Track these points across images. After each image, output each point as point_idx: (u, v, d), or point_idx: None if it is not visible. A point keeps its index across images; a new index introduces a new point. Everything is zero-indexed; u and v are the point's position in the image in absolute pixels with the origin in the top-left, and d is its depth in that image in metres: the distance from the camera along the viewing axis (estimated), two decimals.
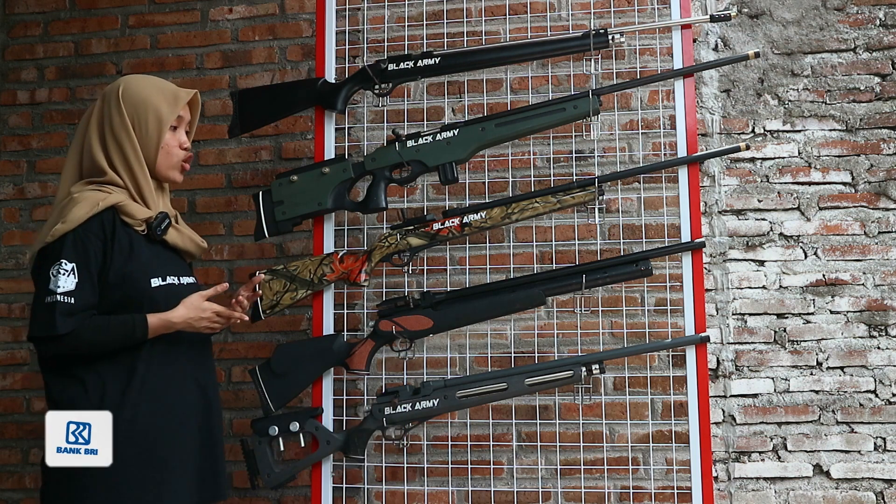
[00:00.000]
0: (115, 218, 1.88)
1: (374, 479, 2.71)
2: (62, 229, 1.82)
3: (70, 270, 1.80)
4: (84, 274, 1.82)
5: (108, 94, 1.97)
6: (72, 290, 1.79)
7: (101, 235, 1.85)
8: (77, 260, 1.81)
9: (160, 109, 1.95)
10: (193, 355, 1.97)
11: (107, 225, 1.86)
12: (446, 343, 2.70)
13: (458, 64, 2.43)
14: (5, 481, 2.96)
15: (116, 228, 1.87)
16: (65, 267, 1.80)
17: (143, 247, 1.91)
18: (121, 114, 1.93)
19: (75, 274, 1.80)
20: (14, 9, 3.18)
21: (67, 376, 1.84)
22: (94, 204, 1.85)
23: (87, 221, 1.84)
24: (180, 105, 1.99)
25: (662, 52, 2.72)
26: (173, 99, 1.99)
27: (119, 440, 1.80)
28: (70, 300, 1.79)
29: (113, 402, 1.82)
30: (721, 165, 2.77)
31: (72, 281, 1.80)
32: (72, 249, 1.82)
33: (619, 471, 2.63)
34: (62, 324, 1.77)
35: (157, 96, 1.96)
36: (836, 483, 2.62)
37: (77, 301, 1.80)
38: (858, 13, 2.78)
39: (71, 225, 1.82)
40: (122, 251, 1.87)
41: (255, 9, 3.04)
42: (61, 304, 1.78)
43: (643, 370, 2.66)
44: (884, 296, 2.67)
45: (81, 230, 1.83)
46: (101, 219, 1.86)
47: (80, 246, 1.82)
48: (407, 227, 2.37)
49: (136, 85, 1.97)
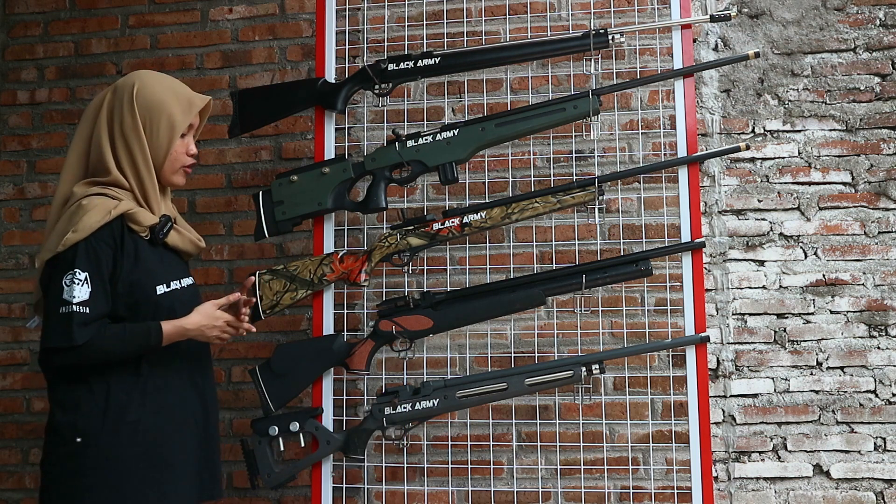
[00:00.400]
0: (123, 225, 1.88)
1: (374, 479, 2.71)
2: (74, 238, 1.81)
3: (84, 280, 1.79)
4: (97, 283, 1.81)
5: (120, 90, 1.94)
6: (86, 299, 1.78)
7: (111, 244, 1.84)
8: (90, 269, 1.80)
9: (174, 116, 1.94)
10: (192, 357, 1.97)
11: (116, 233, 1.86)
12: (446, 343, 2.70)
13: (458, 64, 2.43)
14: (5, 481, 2.96)
15: (124, 236, 1.87)
16: (79, 276, 1.79)
17: (147, 253, 1.91)
18: (133, 114, 1.91)
19: (89, 283, 1.80)
20: (14, 9, 3.18)
21: (73, 380, 1.83)
22: (105, 212, 1.84)
23: (99, 230, 1.83)
24: (194, 112, 1.98)
25: (662, 52, 2.72)
26: (188, 105, 1.97)
27: (123, 442, 1.80)
28: (85, 310, 1.78)
29: (118, 404, 1.82)
30: (721, 165, 2.77)
31: (86, 290, 1.79)
32: (84, 258, 1.81)
33: (619, 471, 2.62)
34: (79, 334, 1.77)
35: (172, 101, 1.94)
36: (836, 483, 2.62)
37: (92, 310, 1.79)
38: (858, 13, 2.78)
39: (83, 234, 1.81)
40: (128, 258, 1.86)
41: (255, 9, 3.04)
42: (77, 315, 1.77)
43: (643, 370, 2.66)
44: (884, 296, 2.67)
45: (93, 239, 1.82)
46: (111, 227, 1.85)
47: (93, 254, 1.82)
48: (407, 227, 2.37)
49: (152, 86, 1.94)
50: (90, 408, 1.81)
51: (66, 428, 1.81)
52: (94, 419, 1.80)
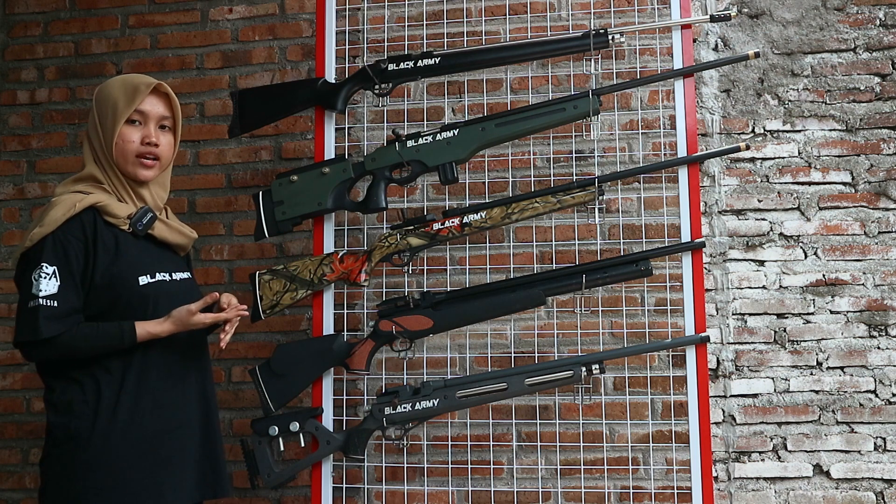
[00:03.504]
0: (96, 218, 1.87)
1: (374, 479, 2.71)
2: (40, 233, 1.81)
3: (51, 274, 1.79)
4: (66, 277, 1.80)
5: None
6: (54, 293, 1.78)
7: (81, 237, 1.83)
8: (58, 263, 1.80)
9: (117, 103, 1.94)
10: (190, 353, 1.97)
11: (87, 226, 1.85)
12: (446, 343, 2.70)
13: (458, 64, 2.43)
14: (5, 481, 2.96)
15: (99, 229, 1.86)
16: (45, 270, 1.79)
17: (129, 245, 1.90)
18: (92, 110, 1.96)
19: (57, 277, 1.79)
20: (14, 9, 3.18)
21: (65, 379, 1.84)
22: (70, 206, 1.84)
23: (67, 223, 1.82)
24: (138, 98, 1.94)
25: (662, 52, 2.72)
26: (133, 91, 1.95)
27: (116, 442, 1.80)
28: (53, 303, 1.78)
29: (109, 403, 1.82)
30: (721, 165, 2.77)
31: (53, 284, 1.79)
32: (52, 253, 1.80)
33: (619, 471, 2.63)
34: (46, 328, 1.77)
35: (118, 91, 1.95)
36: (836, 483, 2.62)
37: (60, 304, 1.79)
38: (858, 13, 2.78)
39: (49, 228, 1.81)
40: (107, 251, 1.85)
41: (255, 9, 3.04)
42: (44, 308, 1.77)
43: (643, 370, 2.66)
44: (884, 296, 2.67)
45: (60, 233, 1.82)
46: (81, 220, 1.84)
47: (60, 249, 1.81)
48: (407, 227, 2.37)
49: (109, 83, 1.98)
50: (82, 409, 1.81)
51: (59, 429, 1.81)
52: (86, 420, 1.80)
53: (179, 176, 2.92)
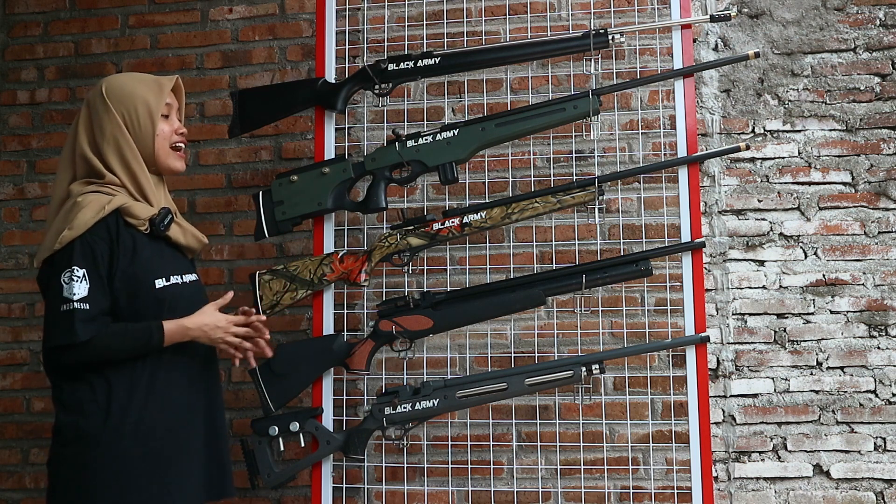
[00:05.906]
0: (118, 220, 1.88)
1: (374, 479, 2.71)
2: (70, 235, 1.81)
3: (82, 276, 1.80)
4: (95, 279, 1.81)
5: (92, 99, 1.97)
6: (86, 295, 1.79)
7: (107, 239, 1.84)
8: (87, 265, 1.81)
9: (148, 100, 1.95)
10: (196, 356, 1.97)
11: (111, 228, 1.86)
12: (446, 343, 2.70)
13: (458, 64, 2.43)
14: (5, 481, 2.95)
15: (120, 230, 1.87)
16: (77, 273, 1.79)
17: (145, 246, 1.90)
18: (110, 114, 1.92)
19: (87, 280, 1.80)
20: (14, 9, 3.18)
21: (76, 379, 1.84)
22: (99, 208, 1.84)
23: (94, 226, 1.83)
24: (166, 92, 1.99)
25: (662, 52, 2.72)
26: (158, 88, 1.98)
27: (126, 441, 1.80)
28: (86, 306, 1.78)
29: (120, 403, 1.82)
30: (721, 165, 2.77)
31: (85, 287, 1.79)
32: (81, 255, 1.81)
33: (619, 471, 2.63)
34: (83, 331, 1.77)
35: (142, 88, 1.96)
36: (836, 483, 2.62)
37: (92, 307, 1.79)
38: (858, 13, 2.78)
39: (78, 231, 1.82)
40: (126, 253, 1.86)
41: (255, 9, 3.04)
42: (79, 311, 1.77)
43: (643, 370, 2.66)
44: (884, 296, 2.67)
45: (89, 235, 1.82)
46: (107, 222, 1.85)
47: (89, 251, 1.82)
48: (407, 227, 2.37)
49: (119, 82, 1.97)
50: (92, 408, 1.81)
51: (68, 429, 1.81)
52: (97, 419, 1.80)
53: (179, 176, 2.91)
